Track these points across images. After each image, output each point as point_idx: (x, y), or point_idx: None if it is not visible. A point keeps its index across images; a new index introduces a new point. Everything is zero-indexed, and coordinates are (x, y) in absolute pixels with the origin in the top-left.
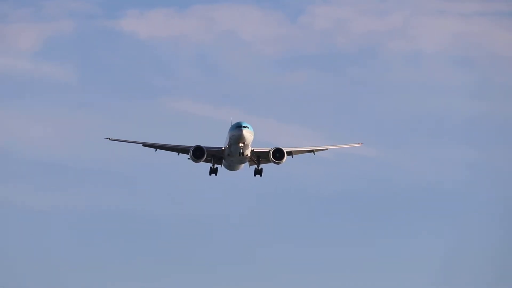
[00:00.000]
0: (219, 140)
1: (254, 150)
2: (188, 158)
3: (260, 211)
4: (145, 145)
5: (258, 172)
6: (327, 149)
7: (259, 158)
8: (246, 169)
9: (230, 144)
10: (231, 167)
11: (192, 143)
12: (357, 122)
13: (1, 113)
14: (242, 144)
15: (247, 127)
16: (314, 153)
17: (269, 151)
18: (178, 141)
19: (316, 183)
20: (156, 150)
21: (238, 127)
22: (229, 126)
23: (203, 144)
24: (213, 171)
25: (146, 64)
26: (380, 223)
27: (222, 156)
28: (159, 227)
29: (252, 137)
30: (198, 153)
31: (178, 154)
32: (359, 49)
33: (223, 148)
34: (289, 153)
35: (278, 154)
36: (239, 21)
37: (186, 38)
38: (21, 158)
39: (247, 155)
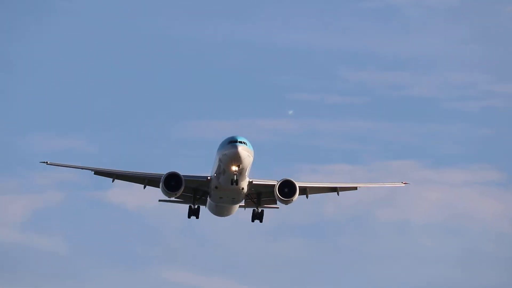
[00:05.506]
0: None
1: (253, 182)
2: (160, 200)
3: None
4: (97, 172)
5: (258, 216)
6: (356, 188)
7: (259, 195)
8: (241, 211)
9: (219, 171)
10: (219, 209)
11: None
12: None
13: None
14: (237, 168)
15: (244, 142)
16: (338, 193)
17: (275, 184)
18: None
19: None
20: (113, 181)
21: (232, 142)
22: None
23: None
24: (193, 212)
25: (135, 234)
26: None
27: (207, 191)
28: None
29: (251, 159)
30: (173, 183)
31: (144, 187)
32: (347, 218)
33: (208, 177)
34: (303, 190)
35: (287, 189)
36: None
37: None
38: None
39: (242, 188)
